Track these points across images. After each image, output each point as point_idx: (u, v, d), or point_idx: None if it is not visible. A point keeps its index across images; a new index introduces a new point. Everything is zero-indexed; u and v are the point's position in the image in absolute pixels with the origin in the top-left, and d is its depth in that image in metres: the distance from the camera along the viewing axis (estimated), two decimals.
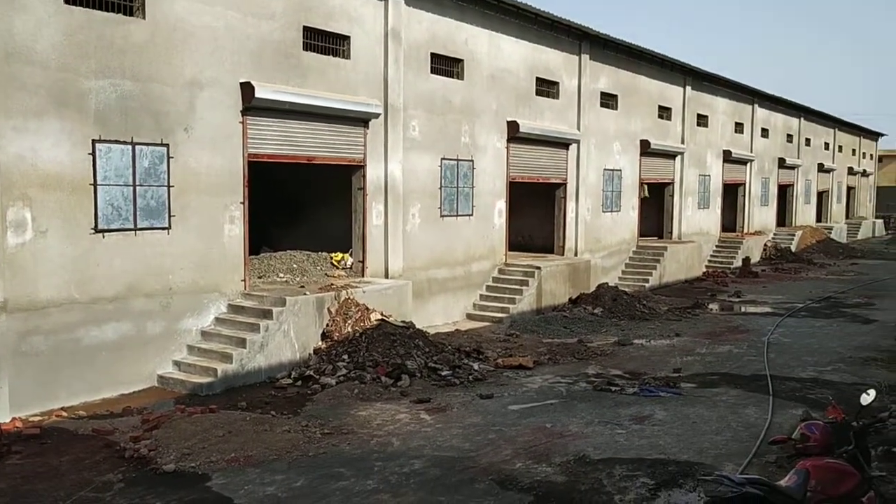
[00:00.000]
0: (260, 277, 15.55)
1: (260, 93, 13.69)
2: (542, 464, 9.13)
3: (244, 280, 14.15)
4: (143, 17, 12.32)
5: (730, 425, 10.66)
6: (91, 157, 11.70)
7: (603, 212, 25.06)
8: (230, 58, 13.58)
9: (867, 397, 6.41)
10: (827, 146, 48.02)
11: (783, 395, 12.22)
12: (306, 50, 15.02)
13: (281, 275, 15.97)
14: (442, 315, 18.65)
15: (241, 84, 13.71)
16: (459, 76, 18.84)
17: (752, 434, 10.22)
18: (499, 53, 19.94)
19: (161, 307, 12.77)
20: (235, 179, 13.81)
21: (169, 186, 12.71)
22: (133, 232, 12.30)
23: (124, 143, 12.09)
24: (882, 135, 60.62)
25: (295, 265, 16.48)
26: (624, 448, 9.70)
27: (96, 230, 11.83)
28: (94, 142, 11.71)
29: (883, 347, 16.06)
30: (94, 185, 11.75)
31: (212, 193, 13.44)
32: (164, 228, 12.72)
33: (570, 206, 23.26)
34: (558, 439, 10.04)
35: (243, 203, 13.97)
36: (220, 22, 13.41)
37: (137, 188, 12.28)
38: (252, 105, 13.77)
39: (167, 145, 12.67)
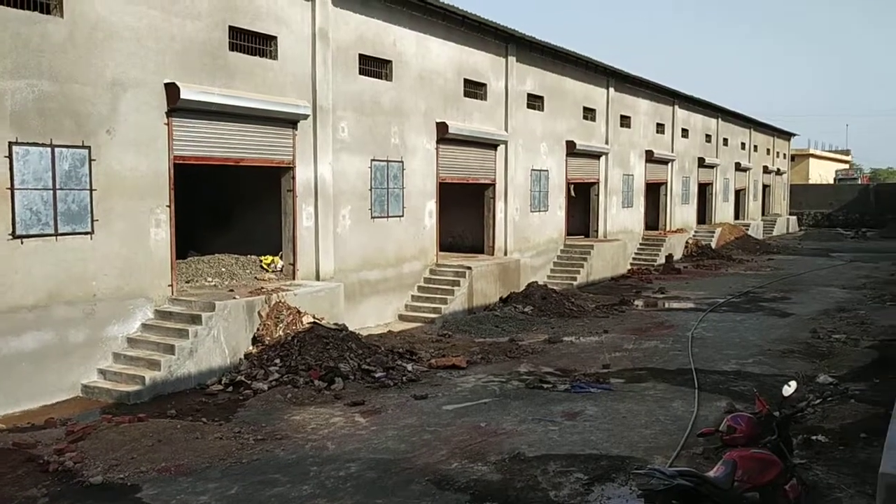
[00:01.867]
0: (188, 282, 15.24)
1: (185, 94, 13.42)
2: (478, 463, 9.22)
3: (171, 285, 13.84)
4: (62, 16, 11.93)
5: (658, 419, 10.96)
6: (7, 160, 11.26)
7: (531, 211, 25.39)
8: (154, 58, 13.27)
9: (788, 389, 6.70)
10: (743, 146, 49.71)
11: (708, 388, 12.63)
12: (233, 50, 14.79)
13: (209, 279, 15.68)
14: (374, 317, 18.61)
15: (166, 85, 13.41)
16: (388, 77, 18.83)
17: (680, 427, 10.54)
18: (427, 55, 20.01)
19: (84, 314, 12.38)
20: (161, 182, 13.50)
21: (91, 190, 12.34)
22: (54, 237, 11.90)
23: (43, 145, 11.68)
24: (794, 135, 63.15)
25: (224, 269, 16.20)
26: (557, 444, 9.87)
27: (14, 236, 11.40)
28: (10, 144, 11.28)
29: (800, 339, 16.74)
30: (11, 189, 11.32)
31: (137, 197, 13.11)
32: (86, 233, 12.34)
33: (500, 206, 23.49)
34: (493, 438, 10.15)
35: (170, 206, 13.67)
36: (143, 21, 13.08)
37: (58, 192, 11.88)
38: (177, 106, 13.49)
39: (89, 147, 12.30)
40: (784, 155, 61.74)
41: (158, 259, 13.56)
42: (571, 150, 27.41)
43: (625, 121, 32.23)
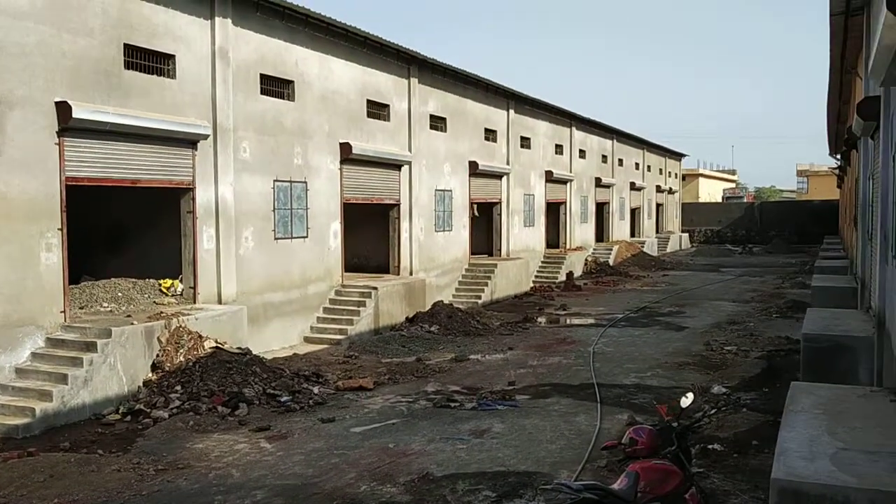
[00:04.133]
0: (81, 308, 14.62)
1: (78, 113, 12.94)
2: (387, 485, 9.18)
3: (64, 311, 13.25)
4: None
5: (563, 434, 11.19)
6: None
7: (436, 231, 25.57)
8: (43, 75, 12.75)
9: (686, 400, 6.94)
10: (637, 166, 51.55)
11: (610, 402, 12.97)
12: (128, 69, 14.37)
13: (105, 304, 15.09)
14: (279, 339, 18.30)
15: (57, 103, 12.90)
16: (290, 97, 18.67)
17: (584, 440, 10.78)
18: (330, 75, 19.95)
19: None
20: (52, 204, 12.94)
21: None
22: None
23: None
24: (684, 155, 65.97)
25: (120, 293, 15.62)
26: (466, 463, 9.94)
27: None
28: None
29: (694, 352, 17.41)
30: None
31: (26, 220, 12.51)
32: None
33: (405, 226, 23.57)
34: (402, 459, 10.13)
35: (61, 229, 13.11)
36: (31, 37, 12.57)
37: None
38: (69, 126, 12.99)
39: None
40: (676, 174, 64.31)
41: (49, 284, 12.97)
42: (474, 170, 27.81)
43: (525, 142, 32.93)
